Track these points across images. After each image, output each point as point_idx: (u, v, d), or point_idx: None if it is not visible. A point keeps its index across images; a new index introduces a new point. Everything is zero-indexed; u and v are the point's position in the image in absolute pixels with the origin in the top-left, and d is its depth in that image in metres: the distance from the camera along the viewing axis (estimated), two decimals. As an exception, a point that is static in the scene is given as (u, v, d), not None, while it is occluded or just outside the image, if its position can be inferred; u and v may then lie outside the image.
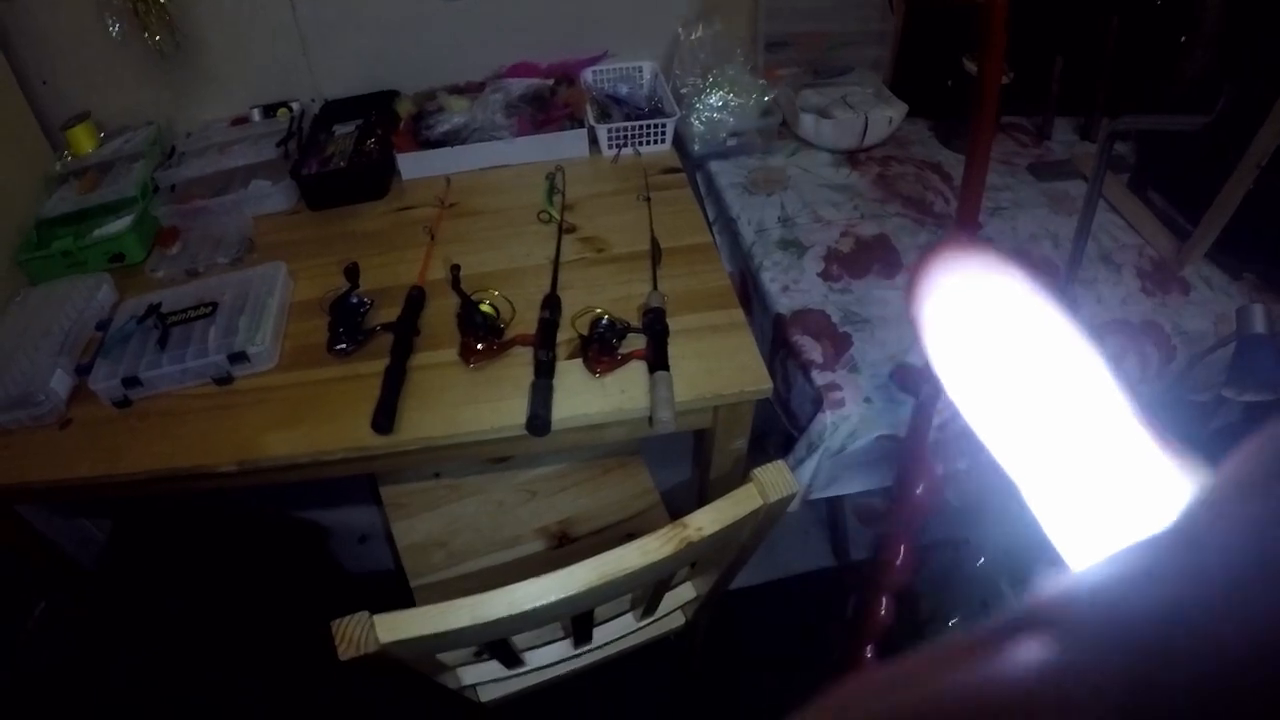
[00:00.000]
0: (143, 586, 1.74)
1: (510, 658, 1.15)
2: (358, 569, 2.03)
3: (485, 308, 1.28)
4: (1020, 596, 1.57)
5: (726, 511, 0.92)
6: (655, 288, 1.33)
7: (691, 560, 1.07)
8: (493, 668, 1.21)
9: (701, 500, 1.45)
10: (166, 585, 1.76)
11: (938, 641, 0.15)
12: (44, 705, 1.72)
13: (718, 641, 1.74)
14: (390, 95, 1.80)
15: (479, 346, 1.24)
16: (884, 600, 1.41)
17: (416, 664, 1.02)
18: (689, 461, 1.63)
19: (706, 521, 0.91)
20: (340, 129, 1.74)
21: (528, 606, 0.84)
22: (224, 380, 1.29)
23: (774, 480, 0.94)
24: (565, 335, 1.27)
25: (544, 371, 1.19)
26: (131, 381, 1.26)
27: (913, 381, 1.23)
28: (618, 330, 1.23)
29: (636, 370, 1.21)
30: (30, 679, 1.70)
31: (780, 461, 0.95)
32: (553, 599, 0.85)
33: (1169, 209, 1.61)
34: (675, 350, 1.22)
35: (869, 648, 1.48)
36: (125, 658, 1.74)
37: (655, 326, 1.24)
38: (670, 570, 1.01)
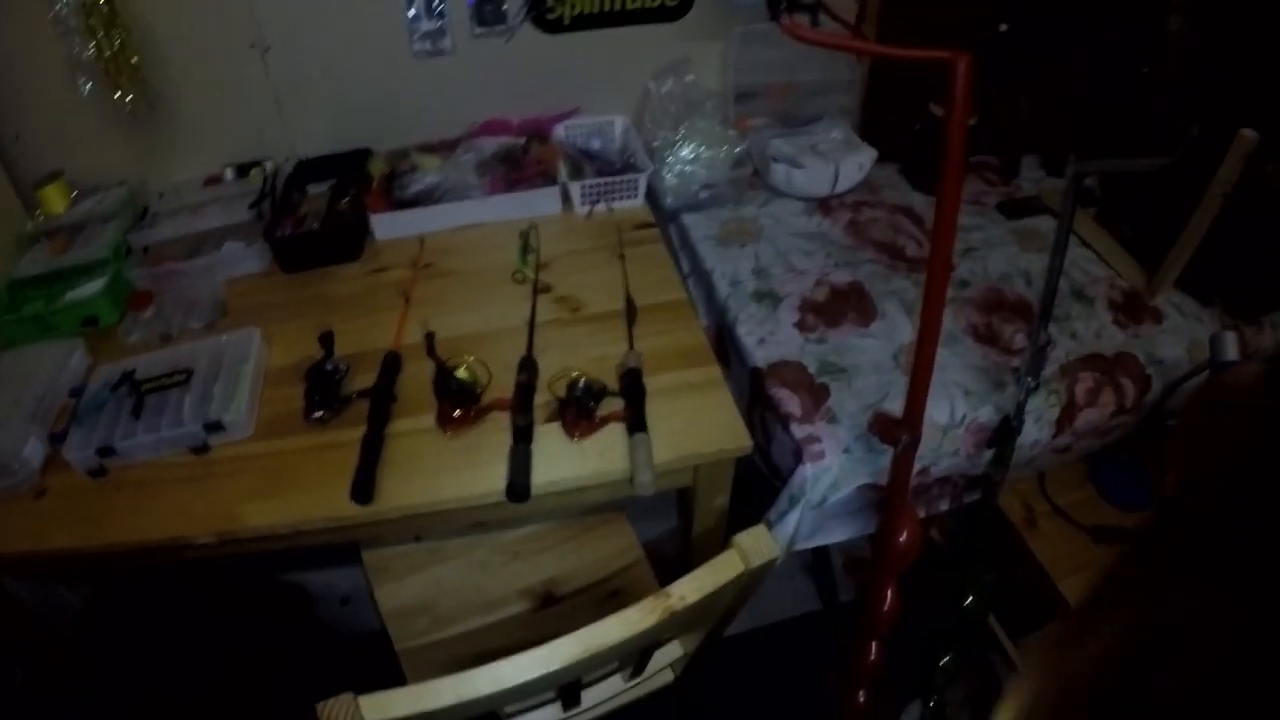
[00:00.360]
0: (119, 653, 1.71)
1: (499, 727, 1.14)
2: (345, 630, 2.00)
3: (461, 374, 1.28)
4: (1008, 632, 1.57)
5: (708, 579, 0.92)
6: (631, 347, 1.34)
7: (676, 627, 1.07)
8: (481, 736, 1.20)
9: (687, 556, 1.46)
10: (143, 652, 1.73)
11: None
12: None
13: (707, 691, 1.72)
14: (364, 154, 1.80)
15: (456, 414, 1.24)
16: (872, 645, 1.41)
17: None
18: (670, 511, 1.63)
19: (689, 590, 0.91)
20: (314, 188, 1.74)
21: (512, 683, 0.83)
22: (200, 449, 1.28)
23: (755, 546, 0.94)
24: (543, 398, 1.27)
25: (522, 437, 1.19)
26: (107, 451, 1.25)
27: (891, 431, 1.24)
28: (594, 393, 1.23)
29: (615, 432, 1.22)
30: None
31: (761, 526, 0.96)
32: (537, 674, 0.84)
33: (1138, 240, 1.64)
34: (653, 410, 1.22)
35: (861, 693, 1.48)
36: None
37: (632, 388, 1.24)
38: (655, 638, 1.01)
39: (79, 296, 1.54)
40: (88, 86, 1.59)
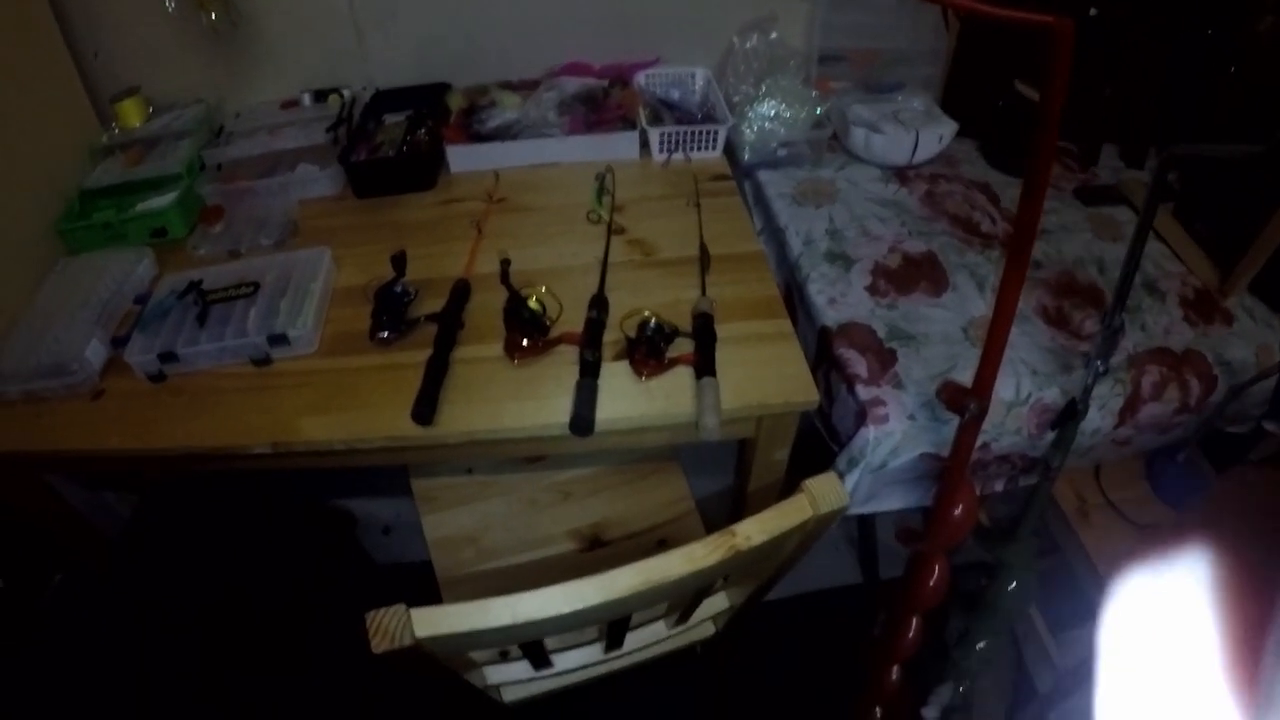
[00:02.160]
0: (165, 561, 1.73)
1: (540, 659, 1.14)
2: (382, 559, 2.02)
3: (532, 304, 1.27)
4: (1048, 624, 1.55)
5: (775, 521, 0.90)
6: (704, 294, 1.32)
7: (736, 569, 1.05)
8: (518, 669, 1.20)
9: (738, 510, 1.45)
10: (189, 561, 1.75)
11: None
12: (56, 679, 1.72)
13: (742, 653, 1.72)
14: (442, 88, 1.80)
15: (524, 343, 1.23)
16: (914, 620, 1.39)
17: (446, 660, 1.01)
18: (723, 471, 1.61)
19: (755, 531, 0.89)
20: (390, 118, 1.74)
21: (568, 609, 0.82)
22: (262, 362, 1.29)
23: (825, 491, 0.92)
24: (611, 336, 1.26)
25: (589, 371, 1.18)
26: (168, 357, 1.26)
27: (959, 400, 1.21)
28: (666, 334, 1.22)
29: (682, 375, 1.20)
30: (44, 652, 1.69)
31: (831, 473, 0.94)
32: (594, 603, 0.83)
33: (1214, 239, 1.60)
34: (722, 357, 1.20)
35: (895, 669, 1.46)
36: (142, 633, 1.74)
37: (704, 332, 1.23)
38: (714, 578, 1.00)
39: (149, 208, 1.55)
40: (173, 3, 1.60)
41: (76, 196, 1.58)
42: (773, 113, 1.70)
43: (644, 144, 1.69)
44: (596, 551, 1.41)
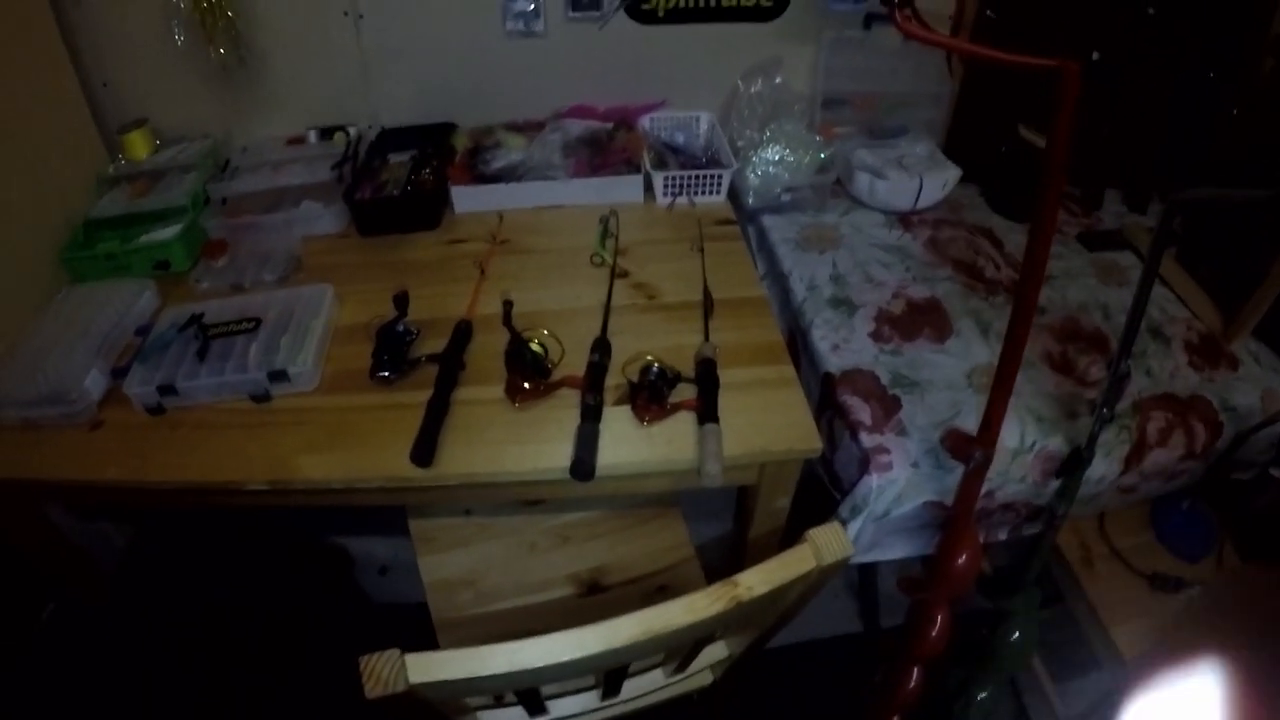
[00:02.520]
0: (160, 594, 1.72)
1: (536, 706, 1.12)
2: (379, 599, 2.00)
3: (535, 346, 1.27)
4: (1050, 673, 1.53)
5: (778, 572, 0.89)
6: (707, 339, 1.32)
7: (737, 619, 1.04)
8: (513, 714, 1.18)
9: (738, 558, 1.43)
10: (184, 594, 1.73)
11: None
12: (47, 709, 1.69)
13: (740, 701, 1.69)
14: (447, 128, 1.81)
15: (526, 385, 1.22)
16: (914, 670, 1.37)
17: (440, 705, 0.99)
18: (722, 517, 1.60)
19: (757, 581, 0.88)
20: (395, 157, 1.75)
21: (566, 658, 0.81)
22: (261, 398, 1.28)
23: (829, 541, 0.90)
24: (614, 380, 1.26)
25: (591, 416, 1.18)
26: (167, 390, 1.25)
27: (964, 448, 1.21)
28: (669, 379, 1.22)
29: (685, 421, 1.20)
30: (36, 679, 1.67)
31: (835, 523, 0.93)
32: (594, 651, 0.81)
33: (1218, 283, 1.60)
34: (724, 403, 1.20)
35: (895, 719, 1.44)
36: (135, 665, 1.72)
37: (706, 378, 1.22)
38: (715, 629, 0.98)
39: (153, 239, 1.56)
40: (182, 38, 1.62)
41: (81, 226, 1.59)
42: (777, 157, 1.70)
43: (648, 187, 1.70)
44: (595, 597, 1.39)
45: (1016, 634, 1.40)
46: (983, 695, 1.45)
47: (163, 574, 1.75)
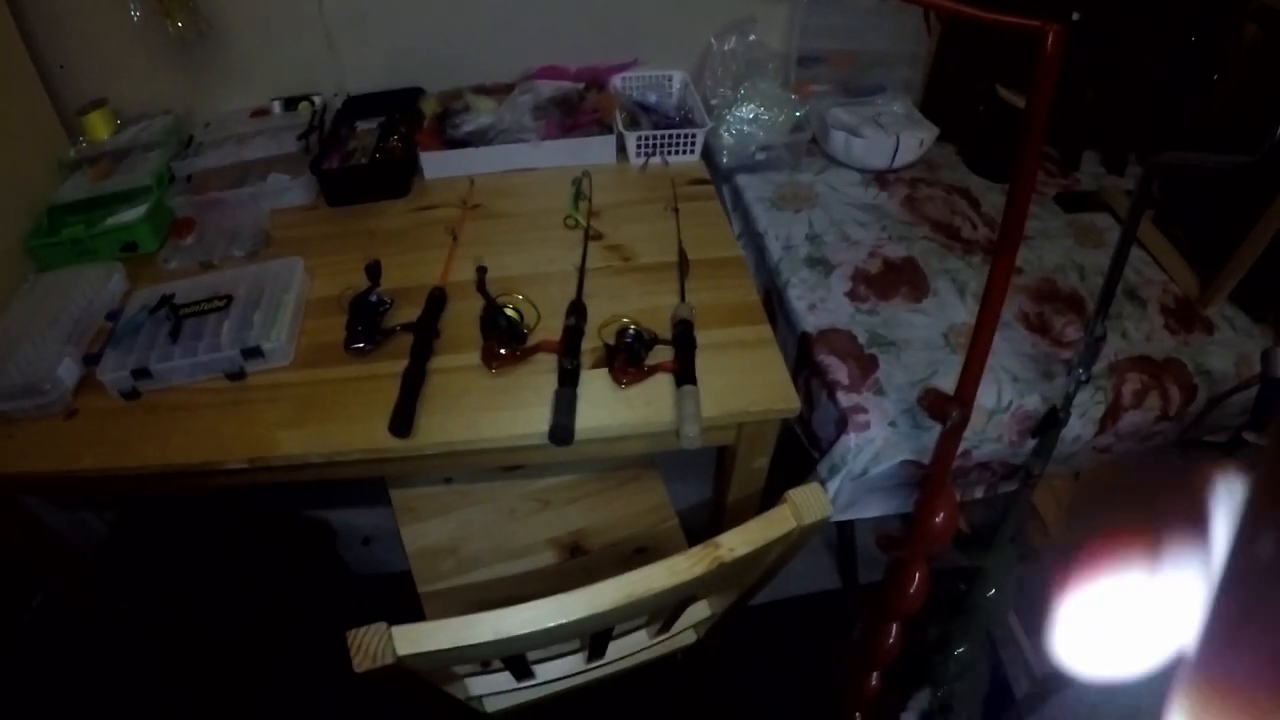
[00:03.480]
0: (144, 578, 1.71)
1: (523, 671, 1.13)
2: (362, 570, 2.00)
3: (510, 312, 1.26)
4: (1028, 631, 1.55)
5: (759, 533, 0.89)
6: (683, 300, 1.31)
7: (720, 581, 1.04)
8: (501, 679, 1.19)
9: (718, 518, 1.44)
10: (168, 577, 1.72)
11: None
12: (36, 699, 1.69)
13: (722, 659, 1.71)
14: (415, 93, 1.78)
15: (501, 352, 1.22)
16: (893, 627, 1.39)
17: (428, 675, 1.00)
18: (701, 478, 1.61)
19: (738, 542, 0.88)
20: (362, 125, 1.72)
21: (551, 623, 0.81)
22: (236, 376, 1.27)
23: (808, 502, 0.91)
24: (590, 344, 1.25)
25: (568, 380, 1.17)
26: (141, 373, 1.23)
27: (941, 407, 1.21)
28: (645, 341, 1.21)
29: (662, 383, 1.19)
30: (26, 671, 1.66)
31: (814, 484, 0.93)
32: (578, 616, 0.82)
33: (1195, 247, 1.60)
34: (701, 364, 1.20)
35: (874, 674, 1.46)
36: (122, 651, 1.71)
37: (683, 339, 1.22)
38: (697, 590, 0.98)
39: (119, 222, 1.53)
40: (138, 13, 1.57)
41: (45, 212, 1.55)
42: (751, 116, 1.69)
43: (621, 148, 1.68)
44: (576, 560, 1.40)
45: (993, 590, 1.42)
46: (960, 650, 1.46)
47: (146, 559, 1.74)
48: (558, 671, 1.24)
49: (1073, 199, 1.77)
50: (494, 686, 1.21)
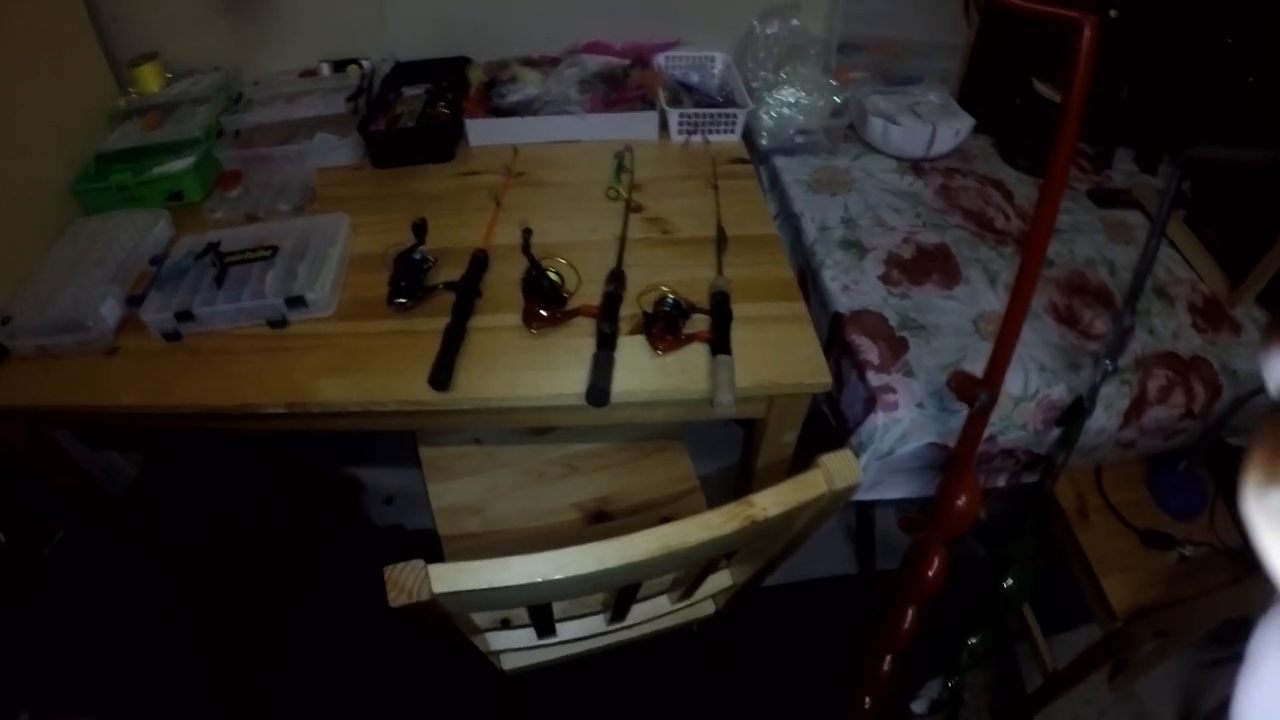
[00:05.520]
0: (171, 518, 1.74)
1: (546, 626, 1.15)
2: (383, 527, 2.02)
3: (552, 275, 1.28)
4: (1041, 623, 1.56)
5: (791, 494, 0.91)
6: (720, 273, 1.33)
7: (750, 541, 1.06)
8: (521, 636, 1.21)
9: (742, 492, 1.45)
10: (195, 519, 1.75)
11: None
12: (56, 633, 1.72)
13: (737, 637, 1.73)
14: (462, 62, 1.80)
15: (542, 313, 1.24)
16: (909, 612, 1.40)
17: (455, 619, 1.02)
18: (725, 453, 1.62)
19: (770, 502, 0.90)
20: (409, 90, 1.75)
21: (583, 570, 0.83)
22: (279, 323, 1.29)
23: (840, 467, 0.92)
24: (628, 311, 1.27)
25: (606, 344, 1.19)
26: (184, 316, 1.26)
27: (970, 389, 1.22)
28: (683, 310, 1.23)
29: (697, 352, 1.21)
30: (44, 607, 1.70)
31: (846, 450, 0.94)
32: (611, 565, 0.84)
33: (1224, 248, 1.61)
34: (737, 337, 1.21)
35: (887, 659, 1.47)
36: (144, 588, 1.74)
37: (720, 310, 1.24)
38: (728, 548, 1.00)
39: (167, 171, 1.56)
40: (193, -31, 1.60)
41: (93, 159, 1.58)
42: (792, 99, 1.70)
43: (663, 125, 1.70)
44: (601, 525, 1.42)
45: (1010, 581, 1.43)
46: (974, 640, 1.48)
47: (173, 500, 1.77)
48: (578, 631, 1.25)
49: (1105, 195, 1.78)
50: (514, 643, 1.23)
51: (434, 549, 1.40)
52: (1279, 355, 0.24)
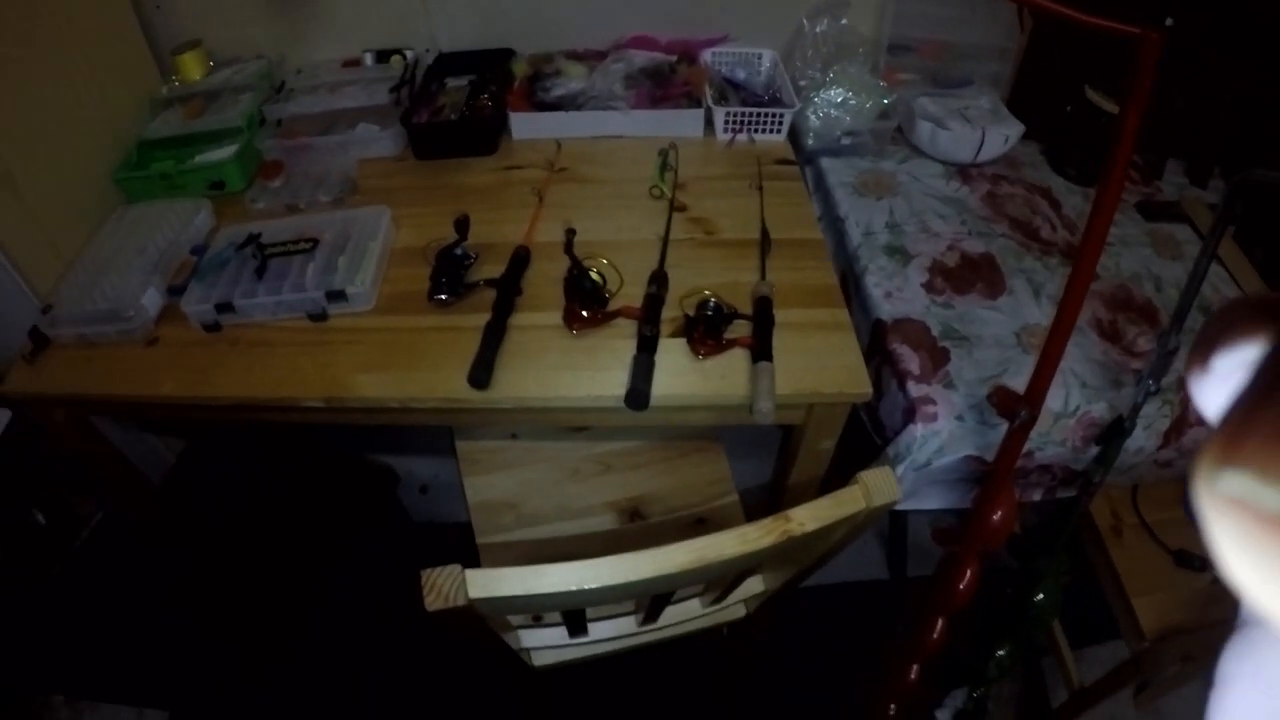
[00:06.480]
0: (209, 503, 1.76)
1: (579, 627, 1.15)
2: (417, 518, 2.04)
3: (594, 275, 1.27)
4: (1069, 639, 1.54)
5: (829, 510, 0.90)
6: (763, 277, 1.32)
7: (786, 554, 1.06)
8: (553, 635, 1.21)
9: (778, 498, 1.45)
10: (232, 504, 1.77)
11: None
12: (90, 613, 1.75)
13: (765, 638, 1.73)
14: (506, 54, 1.80)
15: (584, 313, 1.24)
16: (939, 621, 1.39)
17: (488, 620, 1.02)
18: (761, 455, 1.61)
19: (808, 517, 0.89)
20: (453, 82, 1.74)
21: (619, 581, 0.83)
22: (318, 317, 1.30)
23: (878, 484, 0.92)
24: (670, 313, 1.26)
25: (647, 346, 1.18)
26: (225, 307, 1.27)
27: (1010, 405, 1.21)
28: (725, 315, 1.22)
29: (738, 357, 1.20)
30: (78, 588, 1.72)
31: (885, 467, 0.94)
32: (646, 576, 0.83)
33: (1274, 268, 1.58)
34: (778, 343, 1.20)
35: (914, 667, 1.46)
36: (180, 571, 1.77)
37: (762, 316, 1.23)
38: (763, 562, 1.00)
39: (208, 160, 1.57)
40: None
41: (135, 146, 1.59)
42: (839, 100, 1.68)
43: (709, 123, 1.68)
44: (635, 525, 1.42)
45: (1041, 595, 1.42)
46: (1002, 653, 1.47)
47: (208, 486, 1.78)
48: (610, 631, 1.26)
49: (1154, 208, 1.74)
50: (545, 641, 1.24)
51: (467, 541, 1.41)
52: (1198, 379, 0.21)
